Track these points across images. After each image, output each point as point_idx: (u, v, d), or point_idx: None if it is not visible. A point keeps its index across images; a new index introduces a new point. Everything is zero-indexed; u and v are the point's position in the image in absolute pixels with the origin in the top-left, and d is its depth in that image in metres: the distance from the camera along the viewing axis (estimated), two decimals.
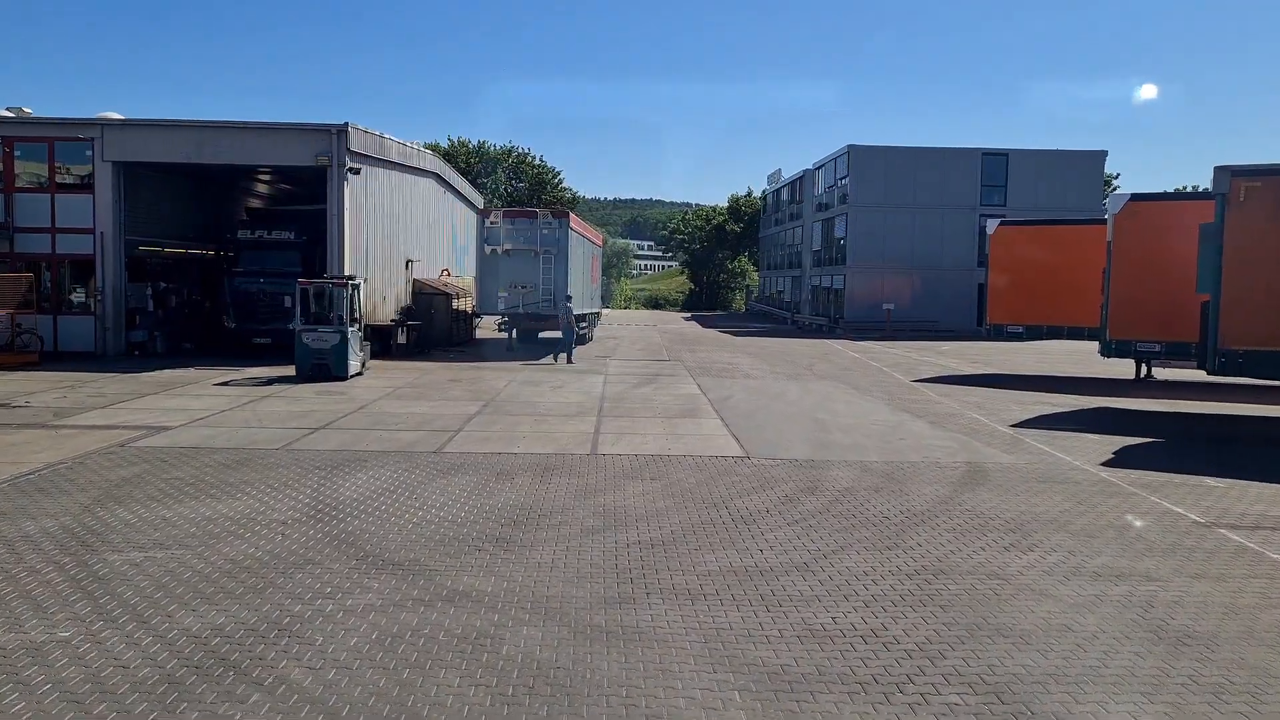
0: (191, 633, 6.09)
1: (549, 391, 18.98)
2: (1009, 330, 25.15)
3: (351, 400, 17.08)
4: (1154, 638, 6.37)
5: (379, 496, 9.85)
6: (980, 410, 17.82)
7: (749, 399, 18.59)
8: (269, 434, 13.42)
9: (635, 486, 10.54)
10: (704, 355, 29.78)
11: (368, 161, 25.11)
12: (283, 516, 9.00)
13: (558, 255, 26.58)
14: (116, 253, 23.59)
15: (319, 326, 19.81)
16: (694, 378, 22.45)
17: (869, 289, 45.81)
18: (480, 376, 21.51)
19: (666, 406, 17.12)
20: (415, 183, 30.73)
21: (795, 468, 11.83)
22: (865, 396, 19.65)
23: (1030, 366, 28.01)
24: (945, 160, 45.88)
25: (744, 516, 9.35)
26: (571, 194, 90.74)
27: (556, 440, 13.38)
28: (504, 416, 15.53)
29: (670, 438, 13.77)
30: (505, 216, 26.69)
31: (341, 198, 23.21)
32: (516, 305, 26.82)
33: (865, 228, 45.87)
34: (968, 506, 9.98)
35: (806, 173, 55.51)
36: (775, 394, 19.61)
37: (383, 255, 26.95)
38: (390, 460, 11.75)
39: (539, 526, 8.82)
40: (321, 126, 23.04)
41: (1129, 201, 18.74)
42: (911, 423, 15.99)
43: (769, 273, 69.30)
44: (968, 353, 33.78)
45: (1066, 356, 31.40)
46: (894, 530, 8.96)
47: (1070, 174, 45.34)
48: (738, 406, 17.40)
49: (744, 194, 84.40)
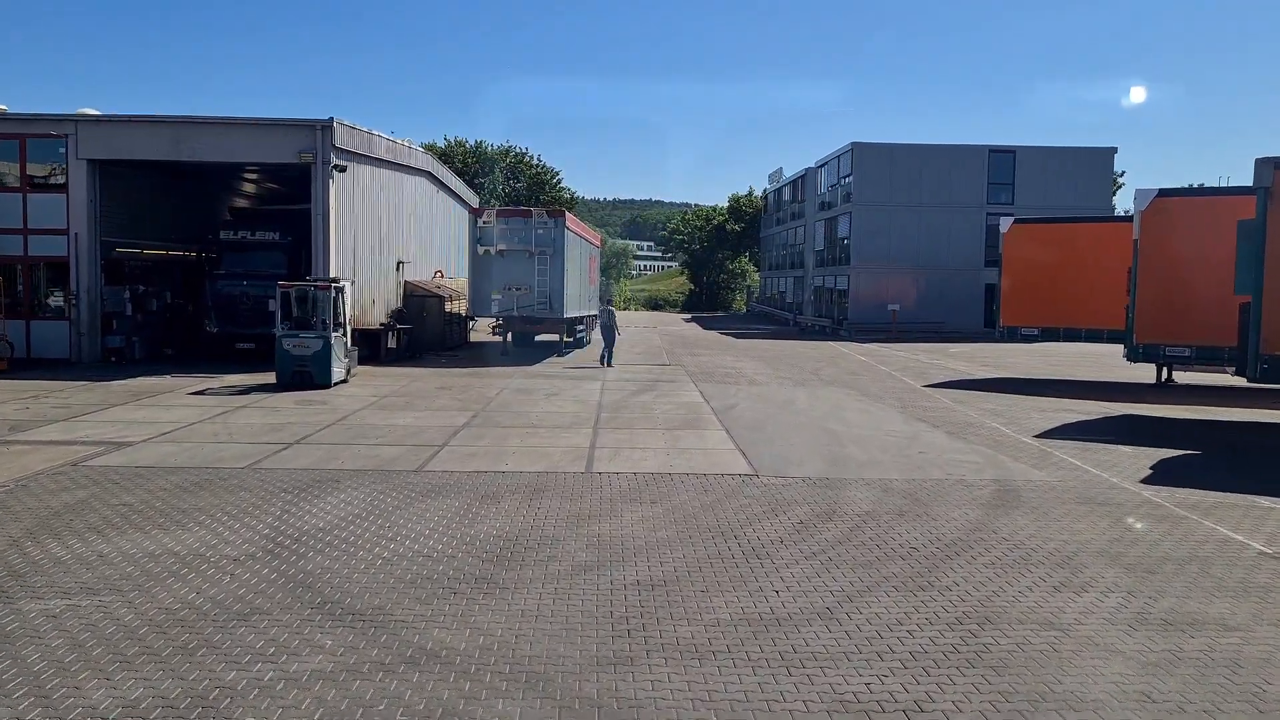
0: (97, 712, 5.05)
1: (542, 400, 17.95)
2: (1023, 333, 24.14)
3: (332, 410, 16.04)
4: (1253, 710, 5.34)
5: (347, 525, 8.82)
6: (1000, 419, 16.79)
7: (755, 408, 17.56)
8: (237, 450, 12.38)
9: (634, 512, 9.51)
10: (706, 359, 28.76)
11: (354, 159, 24.09)
12: (235, 552, 7.97)
13: (554, 256, 25.55)
14: (92, 254, 22.57)
15: (300, 332, 18.79)
16: (696, 384, 21.42)
17: (874, 289, 44.80)
18: (471, 383, 20.47)
19: (668, 416, 16.08)
20: (406, 181, 29.71)
21: (809, 488, 10.80)
22: (877, 404, 18.63)
23: (1044, 370, 27.00)
24: (951, 157, 44.86)
25: (755, 548, 8.32)
26: (570, 194, 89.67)
27: (548, 456, 12.35)
28: (493, 429, 14.49)
29: (672, 453, 12.74)
30: (499, 216, 25.66)
31: (326, 196, 22.19)
32: (511, 308, 25.80)
33: (869, 227, 44.85)
34: (1004, 534, 8.94)
35: (809, 171, 54.48)
36: (782, 402, 18.58)
37: (371, 256, 25.93)
38: (365, 481, 10.72)
39: (524, 562, 7.79)
40: (305, 122, 22.02)
41: (1157, 197, 17.70)
42: (929, 433, 14.96)
43: (770, 273, 68.27)
44: (978, 355, 32.76)
45: (1080, 359, 30.39)
46: (926, 565, 7.93)
47: (1079, 171, 44.32)
48: (743, 416, 16.37)
49: (744, 193, 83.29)
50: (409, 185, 30.22)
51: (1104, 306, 22.59)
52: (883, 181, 44.76)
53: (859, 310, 44.74)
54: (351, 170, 23.95)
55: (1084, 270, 22.86)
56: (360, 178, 24.87)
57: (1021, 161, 44.56)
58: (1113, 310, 22.33)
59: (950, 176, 44.63)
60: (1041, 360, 30.27)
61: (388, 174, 27.58)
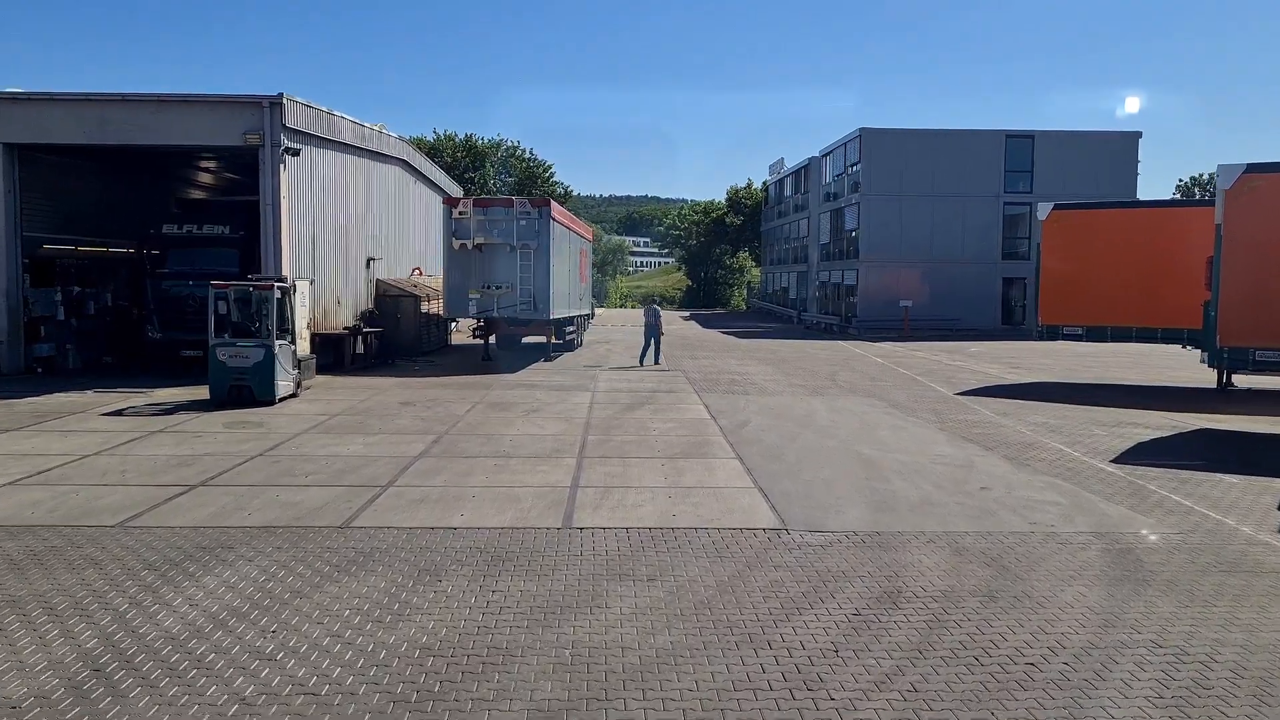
0: None
1: (520, 419, 15.28)
2: (1065, 332, 21.51)
3: (265, 436, 13.37)
4: None
5: (212, 631, 6.17)
6: (1060, 436, 14.17)
7: (770, 425, 14.91)
8: (119, 498, 9.71)
9: (624, 598, 6.87)
10: (708, 362, 26.11)
11: (312, 142, 21.40)
12: (26, 688, 5.31)
13: (538, 250, 22.86)
14: (11, 252, 19.85)
15: (238, 340, 16.11)
16: (699, 394, 18.77)
17: (884, 285, 42.17)
18: (441, 396, 17.81)
19: (668, 440, 13.43)
20: (378, 170, 27.02)
21: (856, 549, 8.16)
22: (911, 418, 16.00)
23: (1081, 373, 24.39)
24: (966, 143, 42.20)
25: (801, 668, 5.68)
26: (564, 188, 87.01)
27: (518, 502, 9.69)
28: (456, 460, 11.82)
29: (674, 494, 10.09)
30: (476, 206, 22.96)
31: (277, 183, 19.50)
32: (490, 308, 23.10)
33: (879, 218, 42.20)
34: (1150, 634, 6.31)
35: (813, 160, 51.81)
36: (801, 416, 15.94)
37: (335, 252, 23.25)
38: (269, 545, 8.06)
39: (457, 707, 5.15)
40: (251, 99, 19.32)
41: (1245, 174, 15.01)
42: (985, 459, 12.33)
43: (771, 268, 65.63)
44: (1002, 355, 30.14)
45: (1113, 359, 27.78)
46: (1066, 701, 5.29)
47: (1102, 157, 41.69)
48: (759, 437, 13.72)
49: (743, 185, 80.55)
50: (382, 175, 27.54)
51: (1158, 302, 20.00)
52: (893, 170, 42.10)
53: (868, 307, 42.12)
54: (309, 155, 21.26)
55: (1138, 262, 20.25)
56: (321, 164, 22.18)
57: (1041, 147, 41.90)
58: (1169, 306, 19.74)
59: (965, 164, 41.97)
60: (1073, 360, 27.65)
61: (355, 161, 24.90)
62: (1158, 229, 20.00)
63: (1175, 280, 19.29)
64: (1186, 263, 18.41)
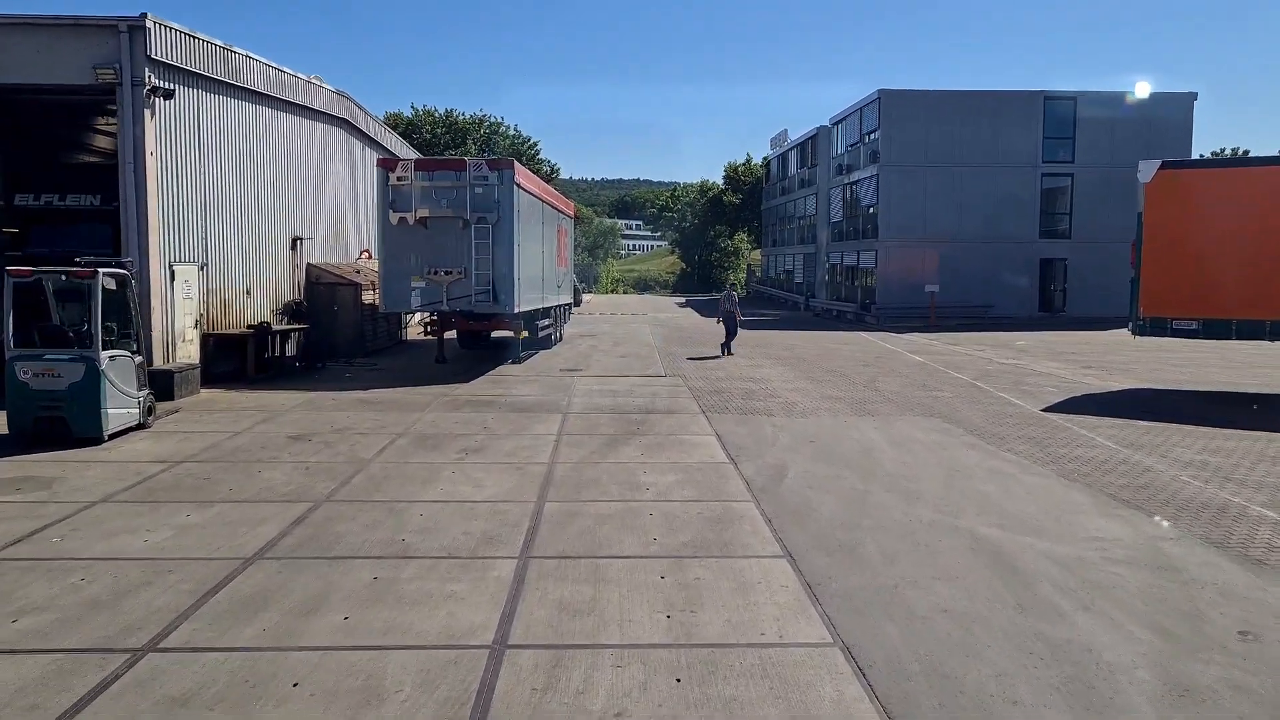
0: None
1: (451, 466, 10.42)
2: (1176, 326, 16.73)
3: (40, 507, 8.50)
4: None
5: None
6: (1255, 490, 9.42)
7: (820, 476, 10.11)
8: None
9: None
10: (713, 364, 21.30)
11: (202, 84, 16.45)
12: None
13: (499, 224, 17.92)
14: None
15: (47, 352, 11.22)
16: (707, 415, 13.98)
17: (906, 267, 37.35)
18: (355, 423, 12.95)
19: (669, 512, 8.60)
20: (309, 130, 22.04)
21: None
22: (1008, 454, 11.23)
23: (1172, 374, 19.64)
24: (999, 107, 37.27)
25: None
26: (550, 166, 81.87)
27: (377, 706, 4.86)
28: (308, 570, 6.97)
29: (690, 671, 5.28)
30: (419, 169, 17.96)
31: (141, 135, 14.55)
32: (438, 300, 18.17)
33: (900, 192, 37.31)
34: None
35: (821, 130, 46.83)
36: (857, 455, 11.13)
37: (242, 230, 18.32)
38: None
39: None
40: (101, 20, 14.34)
41: None
42: (1186, 551, 7.56)
43: (773, 250, 60.73)
44: (1059, 350, 25.39)
45: (1197, 354, 23.00)
46: None
47: (1153, 121, 36.78)
48: (808, 503, 8.92)
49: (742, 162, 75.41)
50: (318, 137, 22.55)
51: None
52: (916, 137, 37.16)
53: (888, 292, 37.29)
54: (197, 101, 16.32)
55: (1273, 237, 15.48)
56: (218, 115, 17.22)
57: (1084, 111, 36.98)
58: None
59: (998, 131, 37.05)
60: (1145, 356, 22.90)
61: (275, 116, 19.91)
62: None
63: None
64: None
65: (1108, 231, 36.17)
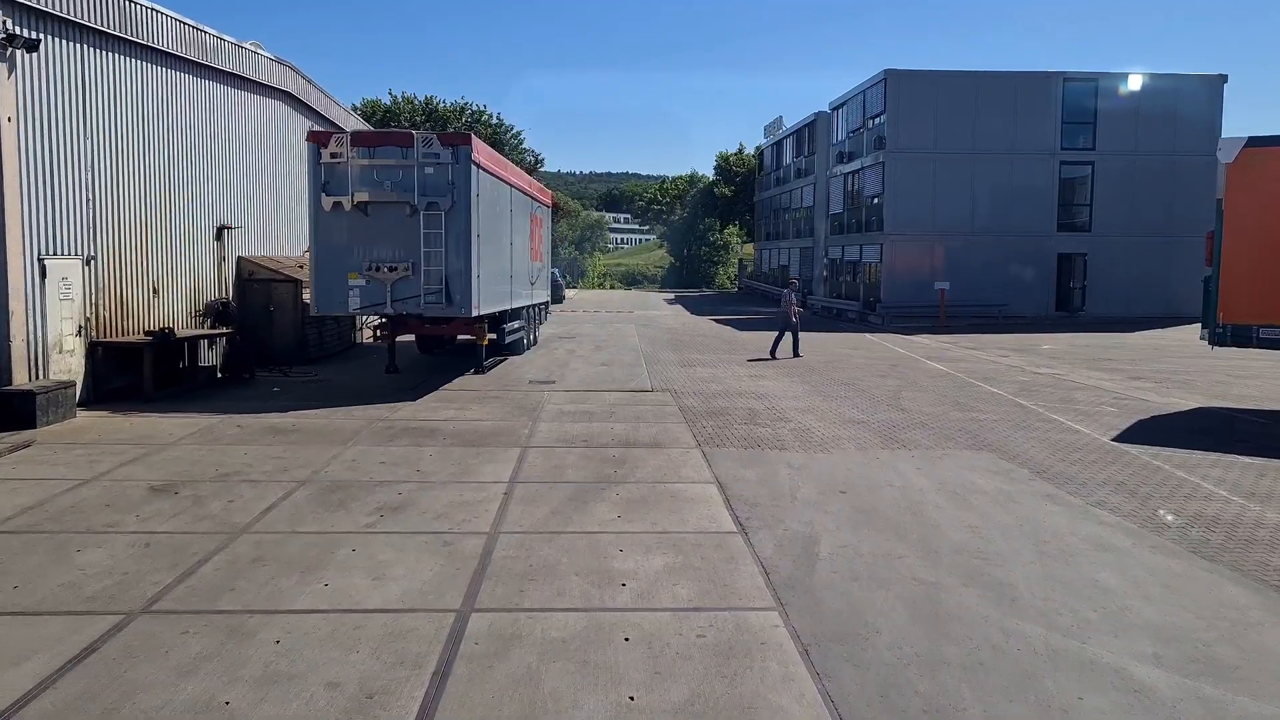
0: None
1: (349, 547, 7.51)
2: (1263, 335, 13.98)
3: None
4: None
5: None
6: None
7: (861, 549, 7.27)
8: None
9: None
10: (707, 372, 18.45)
11: (87, 37, 13.46)
12: None
13: (454, 211, 14.99)
14: None
15: None
16: (703, 450, 11.12)
17: (912, 263, 34.59)
18: (252, 463, 10.03)
19: (653, 637, 5.73)
20: (239, 101, 19.04)
21: None
22: (1105, 514, 8.42)
23: (1238, 388, 16.90)
24: (1015, 90, 34.46)
25: None
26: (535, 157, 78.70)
27: None
28: None
29: None
30: (357, 144, 15.01)
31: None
32: (381, 301, 15.22)
33: (908, 182, 34.50)
34: None
35: (820, 116, 44.01)
36: (906, 518, 8.29)
37: (148, 217, 15.34)
38: None
39: None
40: None
41: None
42: None
43: (767, 244, 57.90)
44: (1092, 355, 22.66)
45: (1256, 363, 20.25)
46: None
47: (1180, 106, 34.11)
48: (854, 607, 6.08)
49: (734, 151, 72.44)
50: (248, 110, 19.54)
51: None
52: (925, 122, 34.34)
53: (894, 290, 34.51)
54: (88, 60, 13.35)
55: None
56: (116, 78, 14.24)
57: (1105, 94, 34.20)
58: None
59: (1013, 116, 34.25)
60: (1200, 365, 20.18)
61: (195, 84, 16.93)
62: None
63: None
64: None
65: (1132, 225, 33.55)
